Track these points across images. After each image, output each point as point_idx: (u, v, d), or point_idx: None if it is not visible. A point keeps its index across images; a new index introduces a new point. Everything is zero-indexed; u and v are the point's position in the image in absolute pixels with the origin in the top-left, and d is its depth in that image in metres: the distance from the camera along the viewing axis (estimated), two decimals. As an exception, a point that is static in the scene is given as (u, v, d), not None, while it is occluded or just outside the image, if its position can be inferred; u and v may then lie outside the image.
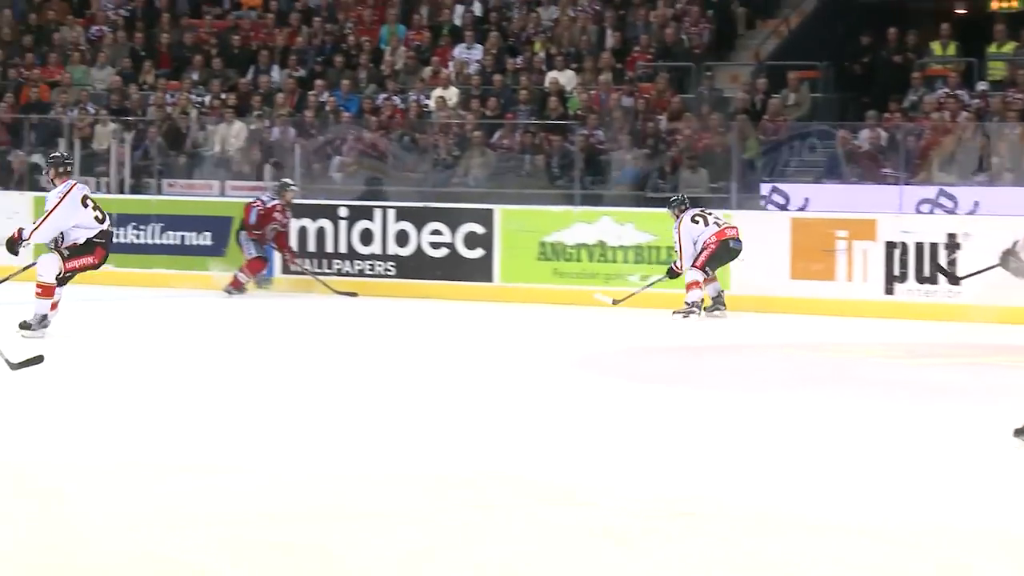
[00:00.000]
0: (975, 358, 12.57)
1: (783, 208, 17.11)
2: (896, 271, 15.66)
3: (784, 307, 15.67)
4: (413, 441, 7.94)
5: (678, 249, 15.51)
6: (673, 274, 15.66)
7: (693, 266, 15.47)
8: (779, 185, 17.36)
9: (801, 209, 16.93)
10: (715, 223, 15.63)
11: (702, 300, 15.59)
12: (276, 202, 17.35)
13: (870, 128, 17.68)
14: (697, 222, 15.59)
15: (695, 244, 15.46)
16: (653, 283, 15.99)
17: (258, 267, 17.51)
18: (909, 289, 15.48)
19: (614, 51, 20.69)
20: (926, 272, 15.24)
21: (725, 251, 15.66)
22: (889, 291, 15.66)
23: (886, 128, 17.76)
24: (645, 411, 9.24)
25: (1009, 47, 19.19)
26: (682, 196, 15.97)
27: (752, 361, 11.31)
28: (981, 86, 18.59)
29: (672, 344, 11.54)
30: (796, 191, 17.25)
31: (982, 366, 12.20)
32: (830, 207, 16.91)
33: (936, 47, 19.61)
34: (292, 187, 17.63)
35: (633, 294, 15.83)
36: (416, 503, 6.27)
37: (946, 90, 18.26)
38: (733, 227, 15.74)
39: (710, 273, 15.61)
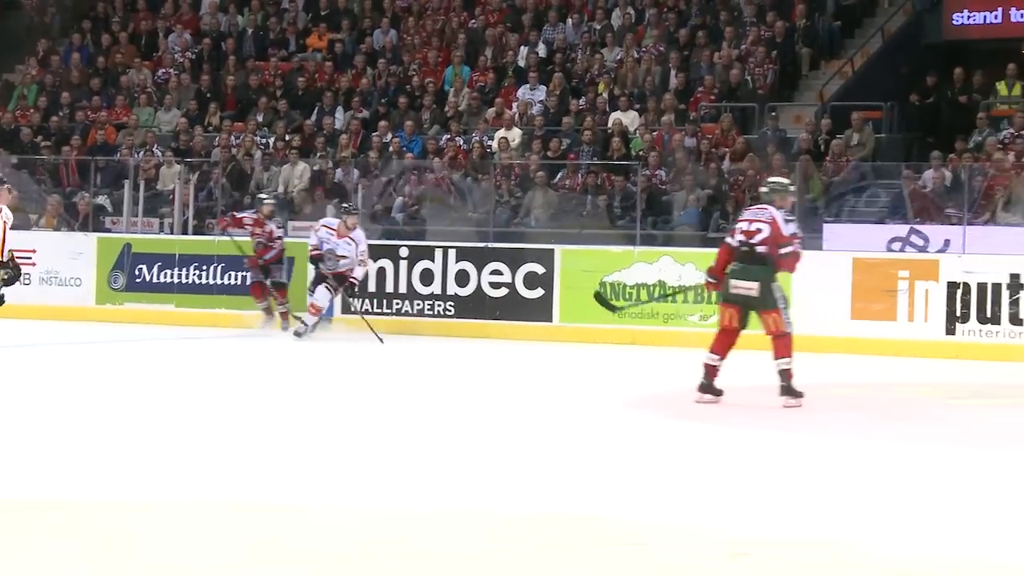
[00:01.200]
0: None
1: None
2: (958, 311, 15.52)
3: (844, 347, 15.54)
4: (465, 480, 7.89)
5: (352, 254, 16.64)
6: (345, 280, 16.75)
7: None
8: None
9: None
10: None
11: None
12: (247, 214, 17.81)
13: (934, 168, 17.53)
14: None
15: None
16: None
17: (256, 292, 17.76)
18: (971, 330, 15.33)
19: (677, 92, 20.70)
20: (988, 313, 15.07)
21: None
22: (950, 331, 15.52)
23: (951, 168, 17.61)
24: (698, 451, 9.16)
25: (1075, 87, 19.07)
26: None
27: (807, 402, 11.17)
28: (1047, 126, 18.44)
29: (727, 384, 11.41)
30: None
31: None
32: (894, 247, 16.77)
33: (1002, 87, 19.51)
34: (267, 201, 17.90)
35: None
36: (470, 543, 6.21)
37: (1011, 130, 18.14)
38: None
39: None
